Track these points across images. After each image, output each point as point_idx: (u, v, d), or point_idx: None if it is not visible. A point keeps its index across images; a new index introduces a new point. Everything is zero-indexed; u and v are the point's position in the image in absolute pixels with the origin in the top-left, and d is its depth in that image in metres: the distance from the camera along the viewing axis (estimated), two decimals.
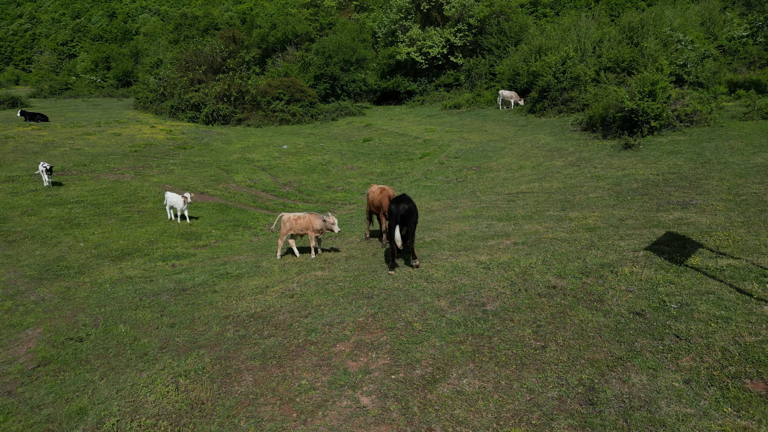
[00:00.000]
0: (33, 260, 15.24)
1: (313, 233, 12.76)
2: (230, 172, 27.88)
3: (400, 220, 10.19)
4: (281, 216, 13.18)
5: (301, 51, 56.91)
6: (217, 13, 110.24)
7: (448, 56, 52.22)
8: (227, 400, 7.09)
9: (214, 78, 47.77)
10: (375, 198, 12.70)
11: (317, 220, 12.60)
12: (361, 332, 8.06)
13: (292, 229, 12.89)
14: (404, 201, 10.34)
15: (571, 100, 32.52)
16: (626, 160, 18.63)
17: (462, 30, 51.15)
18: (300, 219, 12.82)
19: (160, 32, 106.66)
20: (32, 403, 8.10)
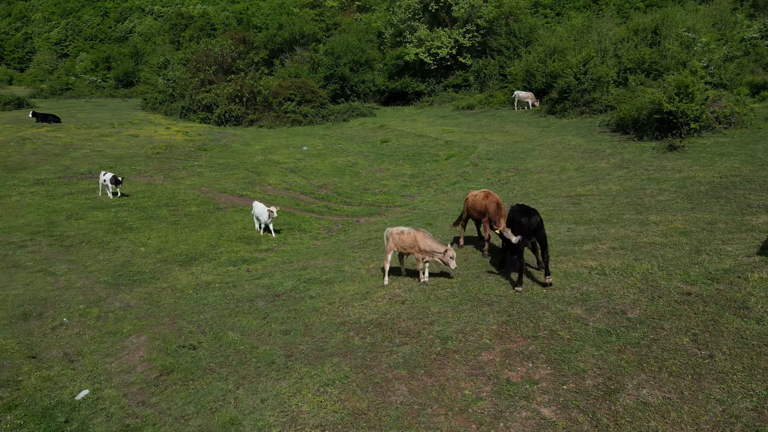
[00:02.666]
0: (100, 265, 15.10)
1: (419, 255, 11.16)
2: (260, 174, 27.76)
3: (533, 233, 9.85)
4: (386, 231, 11.79)
5: (309, 52, 56.73)
6: (213, 13, 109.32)
7: (457, 57, 52.30)
8: (389, 410, 7.12)
9: (225, 79, 47.45)
10: (478, 203, 12.44)
11: (426, 240, 10.99)
12: (502, 341, 8.13)
13: (397, 246, 11.40)
14: (534, 212, 10.00)
15: (594, 101, 32.79)
16: (677, 162, 18.89)
17: (470, 31, 51.27)
18: (404, 235, 11.29)
19: (156, 32, 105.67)
20: (174, 414, 8.06)
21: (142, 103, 52.92)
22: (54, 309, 12.20)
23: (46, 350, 10.35)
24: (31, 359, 10.02)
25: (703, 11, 40.77)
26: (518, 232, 9.90)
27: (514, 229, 10.03)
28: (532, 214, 9.91)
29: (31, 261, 15.50)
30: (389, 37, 57.58)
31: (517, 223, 9.98)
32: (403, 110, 51.13)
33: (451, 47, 51.46)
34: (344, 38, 52.46)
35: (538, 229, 9.77)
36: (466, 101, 45.56)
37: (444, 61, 52.29)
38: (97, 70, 71.72)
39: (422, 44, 51.78)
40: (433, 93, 52.64)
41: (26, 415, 8.33)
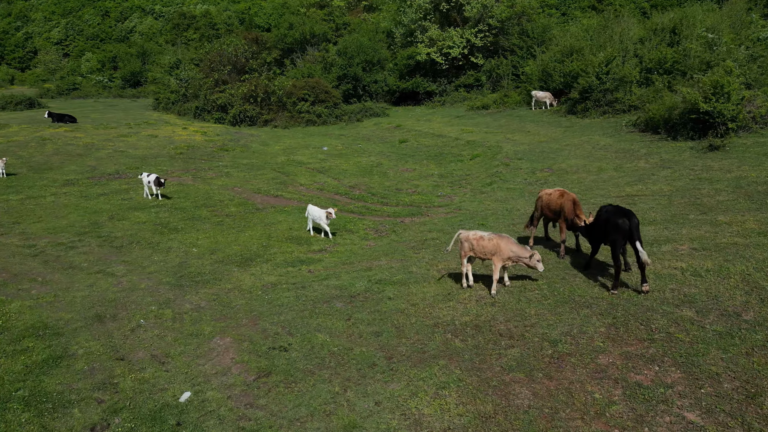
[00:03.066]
0: (157, 267, 15.02)
1: (501, 262, 10.56)
2: (289, 174, 27.69)
3: (630, 235, 9.72)
4: (459, 234, 11.17)
5: (320, 51, 56.66)
6: (215, 13, 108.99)
7: (468, 57, 52.32)
8: (518, 414, 7.12)
9: (239, 79, 47.32)
10: (553, 202, 12.43)
11: (509, 246, 10.46)
12: (616, 343, 8.14)
13: (473, 252, 10.85)
14: (631, 213, 9.88)
15: (616, 101, 32.88)
16: (722, 162, 18.98)
17: (482, 30, 51.28)
18: (483, 240, 10.66)
19: (158, 32, 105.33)
20: (287, 416, 8.03)
21: (154, 103, 52.69)
22: (126, 310, 12.13)
23: (131, 352, 10.28)
24: (119, 361, 9.96)
25: (722, 11, 40.94)
26: (614, 233, 9.83)
27: (609, 230, 9.99)
28: (629, 216, 9.83)
29: (86, 262, 15.41)
30: (400, 37, 57.55)
31: (613, 224, 9.88)
32: (414, 110, 51.12)
33: (463, 47, 51.47)
34: (356, 38, 52.43)
35: (635, 231, 9.68)
36: (481, 101, 45.56)
37: (456, 61, 52.29)
38: (104, 70, 71.41)
39: (434, 44, 51.76)
40: (445, 93, 52.65)
41: (135, 418, 8.28)
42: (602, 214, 10.44)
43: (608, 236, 10.00)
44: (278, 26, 63.99)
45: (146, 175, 22.20)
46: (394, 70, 55.06)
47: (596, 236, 10.71)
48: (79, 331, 11.15)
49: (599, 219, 10.47)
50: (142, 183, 22.64)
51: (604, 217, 10.27)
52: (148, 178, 21.94)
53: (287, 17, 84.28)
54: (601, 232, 10.39)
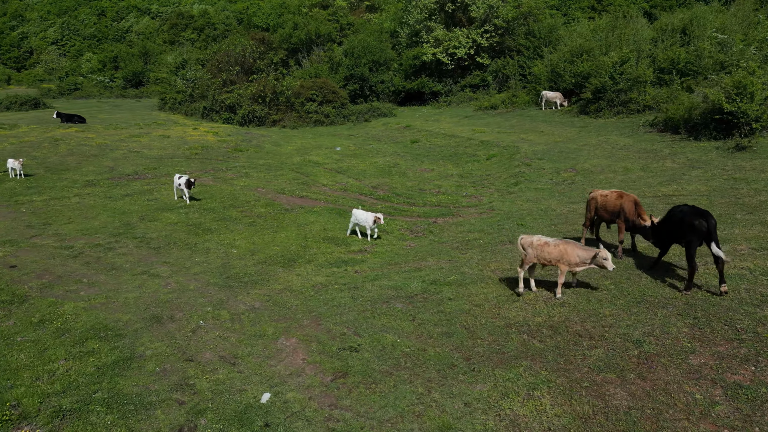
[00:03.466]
0: (200, 268, 14.98)
1: (567, 267, 10.33)
2: (309, 175, 27.65)
3: (707, 236, 9.74)
4: (521, 239, 10.80)
5: (327, 51, 56.62)
6: (213, 12, 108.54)
7: (474, 57, 52.43)
8: (618, 415, 7.17)
9: (247, 79, 47.24)
10: (610, 203, 12.49)
11: (576, 251, 10.18)
12: (703, 343, 8.22)
13: (537, 258, 10.53)
14: (708, 214, 9.90)
15: (630, 101, 33.07)
16: (754, 162, 19.17)
17: (489, 31, 51.40)
18: (549, 247, 10.35)
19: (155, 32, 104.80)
20: (376, 417, 8.04)
21: (160, 104, 52.44)
22: (181, 311, 12.08)
23: (198, 353, 10.25)
24: (189, 362, 9.93)
25: (731, 11, 41.30)
26: (690, 234, 9.88)
27: (685, 230, 10.04)
28: (707, 216, 9.88)
29: (128, 263, 15.34)
30: (405, 37, 57.63)
31: (689, 224, 9.93)
32: (421, 110, 51.20)
33: (469, 47, 51.59)
34: (363, 38, 52.46)
35: (713, 232, 9.73)
36: (489, 101, 45.68)
37: (461, 62, 52.41)
38: (105, 70, 70.98)
39: (440, 44, 51.86)
40: (451, 93, 52.77)
41: (220, 419, 8.26)
42: (676, 214, 10.47)
43: (684, 236, 10.04)
44: (282, 26, 63.87)
45: (177, 177, 21.90)
46: (399, 71, 55.12)
47: (667, 237, 10.77)
48: (141, 332, 11.10)
49: (672, 219, 10.50)
50: (173, 184, 22.33)
51: (678, 217, 10.30)
52: (179, 180, 21.62)
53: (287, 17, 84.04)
54: (675, 233, 10.42)
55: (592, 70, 36.78)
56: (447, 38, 51.65)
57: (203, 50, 63.94)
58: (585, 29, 45.17)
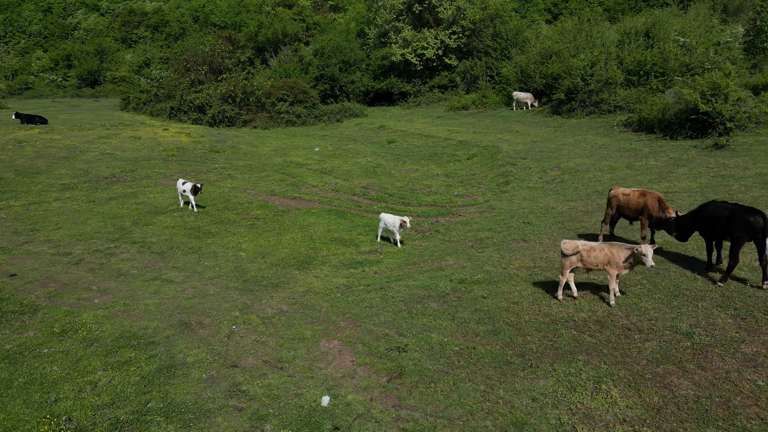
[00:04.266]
0: (213, 272, 14.66)
1: (616, 270, 10.23)
2: (294, 176, 27.40)
3: (758, 232, 10.06)
4: (564, 243, 10.70)
5: (295, 51, 56.13)
6: (167, 10, 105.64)
7: (443, 58, 53.05)
8: (688, 404, 7.51)
9: (216, 79, 46.30)
10: (633, 201, 12.92)
11: (623, 253, 10.11)
12: (751, 333, 8.71)
13: (581, 263, 10.49)
14: (760, 212, 10.24)
15: (602, 102, 34.20)
16: (735, 160, 20.21)
17: (456, 32, 52.12)
18: (594, 251, 10.28)
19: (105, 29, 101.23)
20: (445, 416, 8.12)
21: (122, 104, 50.72)
22: (209, 317, 11.82)
23: (240, 358, 10.06)
24: (234, 368, 9.73)
25: (690, 16, 43.26)
26: (740, 230, 10.24)
27: (735, 226, 10.33)
28: (759, 214, 10.26)
29: (134, 269, 14.85)
30: (373, 37, 57.77)
31: (741, 221, 10.31)
32: (391, 110, 51.46)
33: (437, 48, 52.16)
34: (332, 38, 52.29)
35: (764, 230, 10.11)
36: (460, 102, 46.30)
37: (430, 62, 52.93)
38: (57, 69, 68.00)
39: (408, 45, 52.23)
40: (420, 93, 53.24)
41: (286, 425, 8.15)
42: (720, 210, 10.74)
43: (732, 232, 10.44)
44: (243, 25, 62.89)
45: (181, 183, 20.80)
46: (368, 71, 55.20)
47: (708, 232, 11.13)
48: (173, 339, 10.79)
49: (715, 214, 10.80)
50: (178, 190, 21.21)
51: (725, 213, 10.60)
52: (184, 186, 20.60)
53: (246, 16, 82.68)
54: (719, 228, 10.75)
55: (562, 71, 37.82)
56: (415, 39, 52.04)
57: (165, 49, 62.17)
58: (552, 31, 46.39)
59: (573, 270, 10.81)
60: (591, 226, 15.72)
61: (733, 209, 10.57)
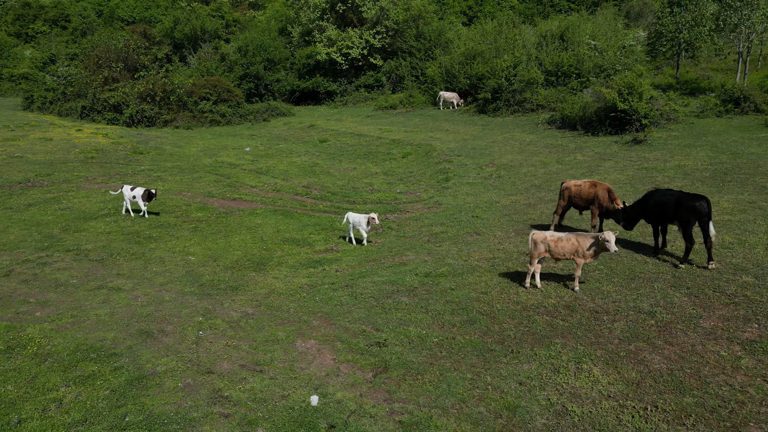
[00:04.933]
0: (165, 278, 13.98)
1: (583, 259, 10.75)
2: (229, 177, 26.63)
3: (707, 216, 10.92)
4: (533, 235, 11.09)
5: (211, 49, 54.36)
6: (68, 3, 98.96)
7: (368, 57, 53.40)
8: (663, 377, 8.09)
9: (131, 77, 43.97)
10: (584, 191, 13.62)
11: (588, 241, 10.61)
12: (706, 309, 9.45)
13: (549, 253, 10.91)
14: (704, 198, 11.11)
15: (525, 101, 35.81)
16: (654, 153, 21.84)
17: (381, 32, 52.65)
18: (562, 242, 10.76)
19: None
20: (438, 405, 8.25)
21: (24, 103, 46.93)
22: (170, 324, 11.27)
23: (215, 364, 9.68)
24: (210, 374, 9.36)
25: (598, 20, 46.15)
26: (689, 215, 11.08)
27: (683, 211, 11.17)
28: (703, 199, 11.13)
29: (74, 278, 13.86)
30: (297, 36, 57.18)
31: (689, 206, 11.14)
32: (318, 109, 51.24)
33: (362, 48, 52.44)
34: (256, 36, 51.18)
35: (708, 214, 11.03)
36: (389, 101, 46.79)
37: (355, 62, 53.14)
38: None
39: (333, 44, 52.16)
40: (346, 93, 53.35)
41: (278, 428, 7.95)
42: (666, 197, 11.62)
43: (681, 217, 11.30)
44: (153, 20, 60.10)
45: (129, 188, 19.22)
46: (292, 70, 54.54)
47: (656, 218, 11.99)
48: (136, 349, 10.20)
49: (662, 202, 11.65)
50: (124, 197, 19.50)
51: (672, 200, 11.46)
52: (133, 192, 19.07)
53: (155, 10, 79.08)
54: (666, 214, 11.62)
55: (486, 72, 39.23)
56: (340, 38, 52.05)
57: (71, 45, 58.15)
58: (474, 33, 47.91)
59: (540, 260, 11.28)
60: (537, 218, 16.46)
61: (680, 196, 11.49)
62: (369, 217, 15.57)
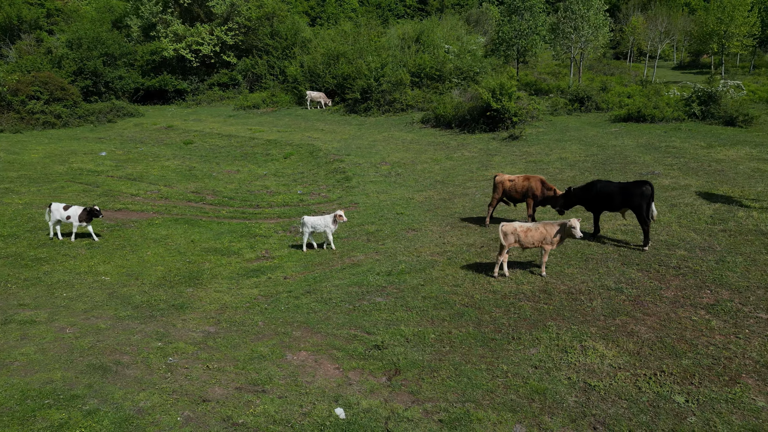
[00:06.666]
0: (88, 304, 12.11)
1: (550, 246, 11.39)
2: (98, 185, 23.83)
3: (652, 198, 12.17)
4: (501, 226, 11.49)
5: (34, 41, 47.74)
6: None
7: (221, 55, 51.11)
8: (656, 343, 9.08)
9: None
10: (519, 185, 14.39)
11: (554, 229, 11.26)
12: (662, 282, 10.74)
13: (518, 243, 11.42)
14: (647, 182, 12.32)
15: (395, 101, 37.01)
16: (533, 148, 23.99)
17: (233, 29, 50.70)
18: (530, 231, 11.30)
19: None
20: (470, 398, 8.29)
21: None
22: (124, 354, 9.82)
23: (205, 390, 8.66)
24: (206, 403, 8.37)
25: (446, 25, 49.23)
26: (640, 199, 12.23)
27: (634, 198, 12.29)
28: (648, 184, 12.34)
29: None
30: (137, 29, 52.65)
31: (638, 192, 12.24)
32: (168, 109, 47.98)
33: (214, 44, 50.00)
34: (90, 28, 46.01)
35: (652, 196, 12.35)
36: (250, 100, 45.24)
37: (207, 59, 50.54)
38: None
39: (181, 40, 49.09)
40: (199, 92, 50.64)
41: None
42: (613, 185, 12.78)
43: (632, 202, 12.47)
44: None
45: (61, 207, 16.02)
46: (134, 66, 50.09)
47: (601, 204, 13.12)
48: (99, 387, 8.73)
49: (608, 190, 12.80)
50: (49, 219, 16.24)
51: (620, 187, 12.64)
52: (68, 212, 15.92)
53: None
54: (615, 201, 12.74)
55: (352, 72, 39.75)
56: (189, 34, 49.06)
57: None
58: (335, 33, 48.15)
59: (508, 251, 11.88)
60: (460, 211, 17.19)
61: (625, 185, 12.80)
62: (336, 215, 14.79)
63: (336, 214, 14.87)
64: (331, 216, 14.88)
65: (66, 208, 16.17)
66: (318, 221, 14.93)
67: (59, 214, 16.11)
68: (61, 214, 16.14)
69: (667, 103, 29.40)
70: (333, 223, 14.92)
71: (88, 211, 16.11)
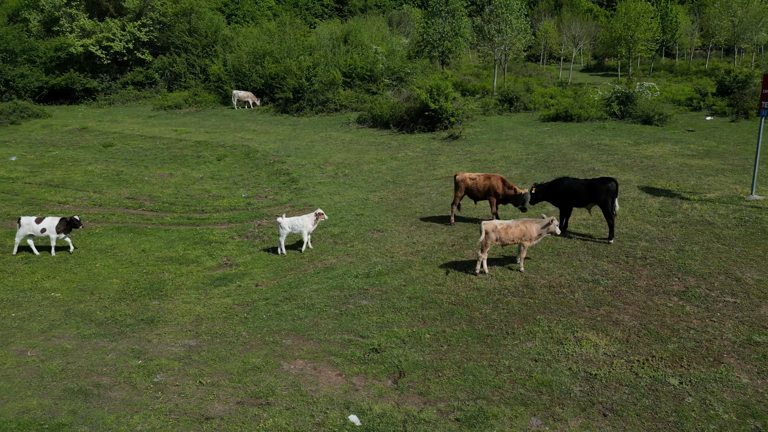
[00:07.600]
0: (45, 324, 11.08)
1: (529, 243, 11.76)
2: (18, 193, 21.92)
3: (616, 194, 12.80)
4: (482, 224, 11.71)
5: None
6: None
7: (134, 52, 48.49)
8: (641, 332, 9.64)
9: None
10: (480, 183, 14.64)
11: (534, 226, 11.64)
12: (631, 272, 11.37)
13: (499, 240, 11.67)
14: (611, 178, 12.94)
15: (328, 101, 36.73)
16: (474, 147, 24.62)
17: (147, 24, 48.30)
18: (511, 228, 11.57)
19: None
20: (481, 395, 8.39)
21: None
22: (103, 376, 9.09)
23: (204, 408, 8.20)
24: (209, 421, 7.93)
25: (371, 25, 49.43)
26: (606, 195, 12.81)
27: (600, 194, 12.87)
28: (612, 180, 12.97)
29: None
30: (37, 23, 48.86)
31: (604, 189, 12.82)
32: (77, 109, 45.08)
33: (127, 41, 47.36)
34: None
35: (616, 192, 12.98)
36: (172, 100, 43.26)
37: (119, 56, 47.81)
38: None
39: (90, 35, 46.14)
40: (111, 91, 47.86)
41: None
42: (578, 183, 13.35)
43: (598, 198, 13.05)
44: None
45: (33, 220, 14.49)
46: (36, 64, 46.41)
47: (568, 201, 13.63)
48: (85, 413, 8.02)
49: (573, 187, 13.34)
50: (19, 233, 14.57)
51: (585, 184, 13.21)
52: (42, 224, 14.37)
53: None
54: (581, 197, 13.29)
55: (281, 71, 39.01)
56: (99, 29, 46.17)
57: None
58: (258, 32, 46.99)
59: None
60: (420, 211, 17.32)
61: (591, 182, 13.43)
62: (317, 214, 14.29)
63: (317, 213, 14.52)
64: (310, 216, 14.51)
65: (39, 220, 14.75)
66: (296, 222, 14.45)
67: (30, 228, 14.68)
68: (33, 228, 14.67)
69: (589, 103, 31.23)
70: (313, 223, 14.51)
71: (67, 221, 14.88)
